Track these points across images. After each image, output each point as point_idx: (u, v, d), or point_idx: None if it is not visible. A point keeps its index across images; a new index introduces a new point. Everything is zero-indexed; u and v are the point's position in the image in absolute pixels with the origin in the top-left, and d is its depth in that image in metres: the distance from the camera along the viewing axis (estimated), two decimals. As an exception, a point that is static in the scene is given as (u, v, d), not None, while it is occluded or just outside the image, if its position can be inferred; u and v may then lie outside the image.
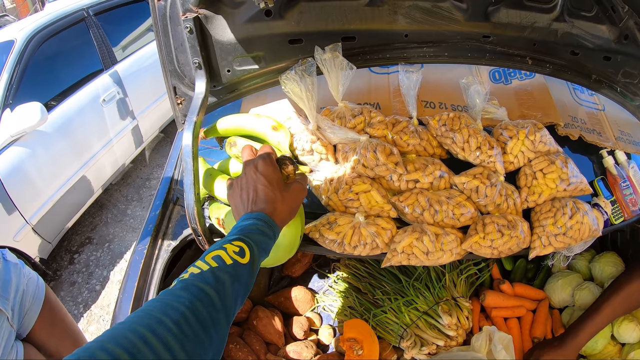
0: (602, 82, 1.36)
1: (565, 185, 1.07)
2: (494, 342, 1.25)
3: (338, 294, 1.40)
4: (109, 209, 2.97)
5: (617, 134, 1.34)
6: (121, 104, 2.64)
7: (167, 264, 1.08)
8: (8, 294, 1.07)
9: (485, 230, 0.97)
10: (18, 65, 2.00)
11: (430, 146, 1.05)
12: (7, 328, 1.05)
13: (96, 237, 2.77)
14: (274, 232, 0.68)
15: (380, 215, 0.98)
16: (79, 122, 2.25)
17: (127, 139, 2.79)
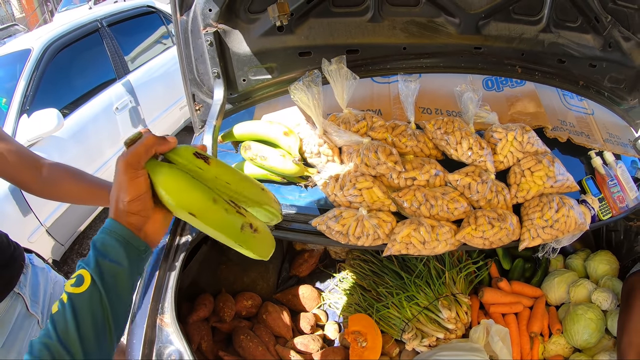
0: (590, 88, 1.54)
1: (552, 182, 1.23)
2: (491, 334, 1.40)
3: (343, 291, 1.55)
4: None
5: (605, 136, 1.51)
6: (133, 112, 2.85)
7: (185, 257, 1.24)
8: (37, 297, 1.18)
9: (477, 223, 1.14)
10: (35, 73, 2.21)
11: (427, 147, 1.22)
12: (37, 331, 1.16)
13: None
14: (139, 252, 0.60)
15: (381, 209, 1.14)
16: (93, 129, 2.46)
17: None
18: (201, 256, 1.36)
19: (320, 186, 1.19)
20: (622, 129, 1.58)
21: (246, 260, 1.62)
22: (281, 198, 1.23)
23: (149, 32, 3.28)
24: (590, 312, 1.48)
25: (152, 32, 3.31)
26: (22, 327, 1.12)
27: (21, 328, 1.12)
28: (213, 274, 1.46)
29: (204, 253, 1.37)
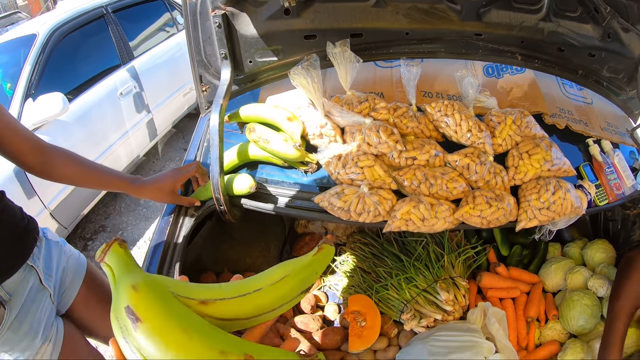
0: (589, 77, 1.59)
1: (549, 165, 1.28)
2: (488, 317, 1.44)
3: (343, 274, 1.60)
4: (122, 198, 3.22)
5: (603, 125, 1.55)
6: (137, 98, 2.92)
7: (190, 231, 1.29)
8: (51, 271, 1.22)
9: (475, 202, 1.19)
10: (40, 58, 2.26)
11: (427, 129, 1.27)
12: (49, 304, 1.20)
13: (109, 225, 3.01)
14: None
15: (382, 187, 1.19)
16: (97, 114, 2.51)
17: (142, 132, 3.07)
18: (205, 233, 1.41)
19: (322, 165, 1.24)
20: (621, 119, 1.63)
21: (249, 240, 1.68)
22: (285, 177, 1.29)
23: (154, 18, 3.34)
24: (587, 299, 1.52)
25: (157, 19, 3.38)
26: (34, 300, 1.16)
27: (34, 301, 1.16)
28: (216, 252, 1.51)
29: (208, 230, 1.42)
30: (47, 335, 1.19)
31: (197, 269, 1.43)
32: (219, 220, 1.45)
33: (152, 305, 0.46)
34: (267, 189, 1.27)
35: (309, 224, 1.70)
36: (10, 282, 1.11)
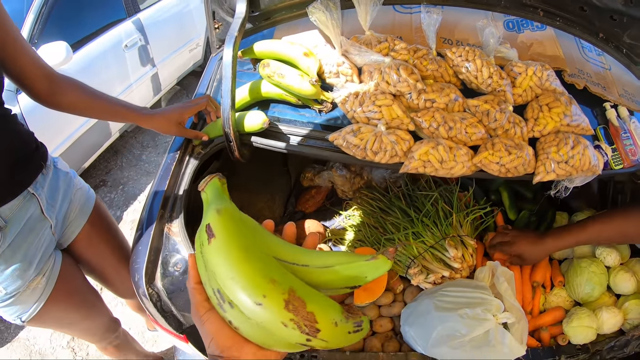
0: (609, 42, 1.56)
1: (569, 120, 1.25)
2: (497, 276, 1.41)
3: (349, 228, 1.56)
4: (124, 154, 3.18)
5: (621, 92, 1.53)
6: (142, 51, 2.85)
7: (196, 169, 1.24)
8: (55, 202, 1.17)
9: (494, 148, 1.15)
10: (44, 7, 2.18)
11: (447, 74, 1.23)
12: (48, 236, 1.16)
13: (110, 180, 2.96)
14: None
15: (399, 127, 1.15)
16: (102, 65, 2.44)
17: (146, 86, 3.01)
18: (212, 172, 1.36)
19: (338, 103, 1.19)
20: (638, 89, 1.61)
21: (254, 190, 1.63)
22: (298, 116, 1.24)
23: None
24: (594, 266, 1.50)
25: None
26: (33, 230, 1.11)
27: (32, 230, 1.11)
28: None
29: (215, 169, 1.37)
30: (42, 269, 1.14)
31: (200, 212, 1.38)
32: (225, 166, 1.40)
33: (228, 226, 0.52)
34: (279, 128, 1.22)
35: (315, 177, 1.66)
36: (7, 208, 1.05)
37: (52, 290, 1.16)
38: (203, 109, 1.22)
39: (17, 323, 1.14)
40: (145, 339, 2.08)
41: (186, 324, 1.14)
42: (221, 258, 0.50)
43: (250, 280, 0.48)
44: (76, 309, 1.24)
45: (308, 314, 0.48)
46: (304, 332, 0.47)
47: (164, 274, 1.11)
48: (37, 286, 1.13)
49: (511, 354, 1.30)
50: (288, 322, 0.47)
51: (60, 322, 1.25)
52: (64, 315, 1.22)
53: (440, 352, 1.29)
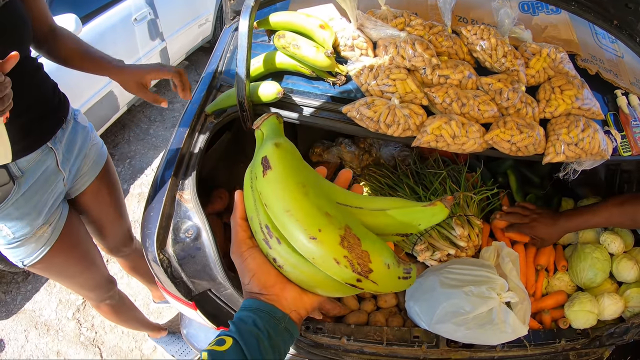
0: (623, 29, 1.55)
1: (580, 103, 1.26)
2: (502, 256, 1.43)
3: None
4: (131, 128, 3.20)
5: (632, 80, 1.53)
6: (152, 25, 2.85)
7: (208, 138, 1.24)
8: (71, 155, 1.21)
9: (506, 127, 1.16)
10: (55, -22, 2.18)
11: (462, 52, 1.24)
12: (60, 187, 1.19)
13: (117, 153, 2.98)
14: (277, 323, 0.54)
15: (413, 102, 1.16)
16: (111, 38, 2.44)
17: (155, 60, 3.02)
18: (223, 144, 1.37)
19: (352, 76, 1.20)
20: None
21: None
22: (311, 87, 1.24)
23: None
24: (598, 252, 1.51)
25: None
26: (47, 181, 1.14)
27: (46, 181, 1.14)
28: (230, 170, 1.47)
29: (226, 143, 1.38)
30: (49, 219, 1.17)
31: (210, 183, 1.39)
32: (236, 138, 1.41)
33: (286, 159, 0.50)
34: (293, 99, 1.23)
35: (323, 153, 1.67)
36: (25, 160, 1.08)
37: (56, 240, 1.19)
38: (168, 77, 1.22)
39: (19, 266, 1.18)
40: (150, 310, 2.10)
41: (195, 291, 1.16)
42: (277, 190, 0.47)
43: (307, 213, 0.46)
44: (77, 261, 1.27)
45: (362, 253, 0.45)
46: (356, 272, 0.45)
47: (175, 240, 1.13)
48: (43, 234, 1.16)
49: (513, 334, 1.31)
50: (341, 259, 0.45)
51: (59, 273, 1.28)
52: (64, 266, 1.25)
53: (444, 328, 1.31)
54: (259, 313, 0.54)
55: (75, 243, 1.26)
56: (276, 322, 0.54)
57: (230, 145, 1.40)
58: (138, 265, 1.67)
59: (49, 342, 2.04)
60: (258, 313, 0.54)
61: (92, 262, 1.34)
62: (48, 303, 2.15)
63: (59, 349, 2.01)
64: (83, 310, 2.11)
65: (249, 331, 0.52)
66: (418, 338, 1.34)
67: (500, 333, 1.31)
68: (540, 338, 1.44)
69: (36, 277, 2.23)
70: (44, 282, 2.22)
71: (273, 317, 0.54)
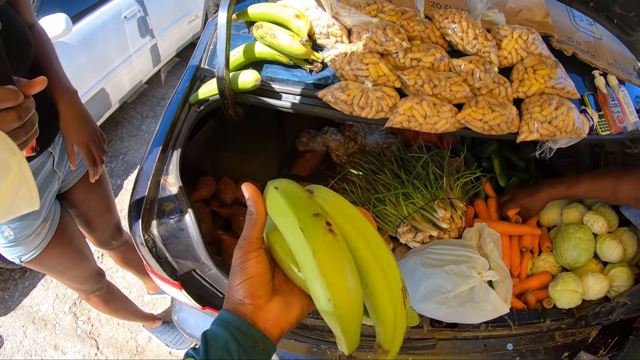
0: (599, 11, 1.60)
1: (553, 82, 1.31)
2: (484, 236, 1.48)
3: (342, 190, 1.63)
4: (124, 125, 3.28)
5: (611, 61, 1.58)
6: (142, 22, 2.94)
7: (192, 125, 1.32)
8: (64, 156, 1.28)
9: (477, 106, 1.22)
10: (45, -22, 2.27)
11: (434, 35, 1.30)
12: (55, 187, 1.27)
13: (111, 150, 3.07)
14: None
15: (386, 84, 1.22)
16: (101, 37, 2.53)
17: (146, 57, 3.11)
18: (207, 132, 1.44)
19: (328, 62, 1.27)
20: (629, 61, 1.65)
21: (249, 151, 1.71)
22: (290, 75, 1.31)
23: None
24: (581, 232, 1.56)
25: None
26: (45, 183, 1.22)
27: (44, 184, 1.21)
28: (216, 159, 1.54)
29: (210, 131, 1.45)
30: (47, 216, 1.24)
31: (197, 171, 1.46)
32: (220, 126, 1.48)
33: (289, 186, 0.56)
34: (272, 87, 1.30)
35: (310, 142, 1.73)
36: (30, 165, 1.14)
37: (52, 236, 1.26)
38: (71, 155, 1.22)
39: (16, 262, 1.24)
40: (144, 302, 2.18)
41: (180, 271, 1.23)
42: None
43: None
44: (70, 255, 1.34)
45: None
46: None
47: (160, 221, 1.20)
48: (41, 232, 1.22)
49: (495, 312, 1.36)
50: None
51: (54, 267, 1.34)
52: (58, 260, 1.32)
53: (426, 307, 1.36)
54: (236, 333, 0.52)
55: (69, 238, 1.33)
56: (253, 345, 0.52)
57: (214, 133, 1.48)
58: (129, 257, 1.75)
59: (46, 336, 2.11)
60: (234, 333, 0.52)
61: (83, 256, 1.41)
62: (45, 298, 2.23)
63: (56, 342, 2.09)
64: (79, 304, 2.19)
65: (216, 355, 0.50)
66: (401, 318, 1.39)
67: (482, 311, 1.36)
68: (524, 318, 1.48)
69: (33, 274, 2.32)
70: (41, 278, 2.30)
71: (251, 340, 0.52)
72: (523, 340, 1.51)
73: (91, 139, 1.21)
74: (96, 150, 1.22)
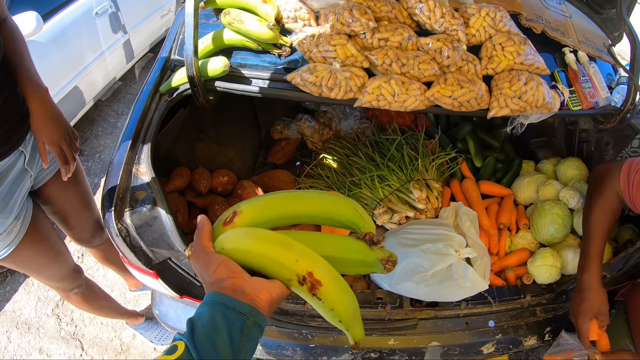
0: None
1: (522, 58, 1.34)
2: (460, 215, 1.51)
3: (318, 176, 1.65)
4: (99, 123, 3.26)
5: (581, 38, 1.61)
6: (113, 18, 2.94)
7: (163, 114, 1.32)
8: (36, 153, 1.28)
9: (446, 83, 1.24)
10: (14, -25, 2.25)
11: (401, 16, 1.32)
12: (27, 185, 1.27)
13: (87, 149, 3.05)
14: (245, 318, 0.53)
15: (354, 65, 1.24)
16: (73, 34, 2.51)
17: (119, 53, 3.10)
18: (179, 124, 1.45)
19: (296, 45, 1.28)
20: (599, 38, 1.69)
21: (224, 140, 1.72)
22: (259, 60, 1.32)
23: None
24: (557, 208, 1.59)
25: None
26: (16, 181, 1.21)
27: (15, 182, 1.21)
28: (190, 150, 1.54)
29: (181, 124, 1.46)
30: (18, 214, 1.23)
31: (171, 162, 1.47)
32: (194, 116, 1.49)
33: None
34: (242, 73, 1.31)
35: (284, 130, 1.75)
36: (0, 165, 1.14)
37: (25, 233, 1.25)
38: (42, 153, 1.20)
39: None
40: (126, 300, 2.17)
41: (155, 260, 1.23)
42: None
43: None
44: (45, 253, 1.33)
45: None
46: None
47: (133, 210, 1.20)
48: (12, 229, 1.22)
49: (474, 288, 1.39)
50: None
51: (28, 265, 1.34)
52: (32, 258, 1.31)
53: (405, 287, 1.38)
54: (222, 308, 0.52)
55: (43, 236, 1.32)
56: (243, 319, 0.53)
57: (188, 124, 1.48)
58: (110, 255, 1.74)
59: (30, 340, 2.10)
60: (220, 309, 0.52)
61: (58, 253, 1.41)
62: (27, 302, 2.22)
63: (41, 346, 2.08)
64: (62, 305, 2.18)
65: (203, 333, 0.51)
66: (381, 299, 1.41)
67: (460, 288, 1.38)
68: (504, 294, 1.51)
69: (14, 278, 2.30)
70: (22, 282, 2.28)
71: (239, 314, 0.52)
72: (504, 317, 1.54)
73: (62, 137, 1.20)
74: (67, 149, 1.21)
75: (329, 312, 0.61)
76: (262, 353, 1.45)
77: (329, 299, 0.59)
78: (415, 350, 1.47)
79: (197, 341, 0.51)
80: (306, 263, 0.58)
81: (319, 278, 0.58)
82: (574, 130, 1.83)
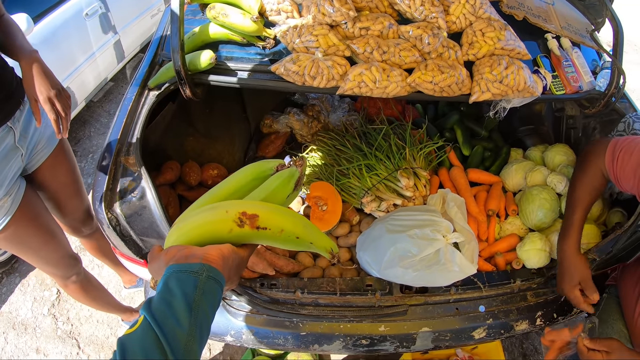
0: (550, -24, 1.69)
1: (503, 44, 1.38)
2: (448, 201, 1.54)
3: (307, 167, 1.69)
4: (91, 123, 3.30)
5: (563, 24, 1.65)
6: (104, 19, 2.99)
7: (151, 108, 1.37)
8: (27, 133, 1.33)
9: (427, 68, 1.28)
10: (4, -22, 2.30)
11: (382, 5, 1.36)
12: (18, 162, 1.32)
13: (80, 149, 3.09)
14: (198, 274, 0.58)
15: (336, 54, 1.28)
16: (63, 35, 2.56)
17: (110, 53, 3.16)
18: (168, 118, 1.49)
19: (279, 36, 1.32)
20: (582, 24, 1.73)
21: (213, 134, 1.76)
22: (244, 53, 1.37)
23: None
24: (545, 193, 1.62)
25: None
26: (5, 157, 1.26)
27: (4, 157, 1.26)
28: (180, 143, 1.59)
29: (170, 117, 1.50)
30: (9, 191, 1.28)
31: (161, 157, 1.51)
32: (183, 111, 1.53)
33: None
34: (228, 65, 1.35)
35: (273, 124, 1.79)
36: None
37: (15, 211, 1.30)
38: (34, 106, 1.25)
39: None
40: (122, 297, 2.21)
41: (145, 249, 1.27)
42: None
43: None
44: (37, 232, 1.38)
45: None
46: None
47: (123, 200, 1.24)
48: (4, 205, 1.27)
49: (462, 272, 1.42)
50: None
51: (21, 244, 1.38)
52: (25, 237, 1.36)
53: (393, 273, 1.41)
54: (175, 274, 0.57)
55: (35, 214, 1.37)
56: (195, 276, 0.57)
57: (177, 118, 1.53)
58: (102, 245, 1.79)
59: (27, 340, 2.14)
60: (173, 274, 0.57)
61: (52, 235, 1.45)
62: (23, 302, 2.25)
63: (38, 346, 2.11)
64: (58, 305, 2.22)
65: (158, 300, 0.55)
66: (371, 286, 1.44)
67: (448, 272, 1.41)
68: (494, 279, 1.54)
69: (10, 279, 2.34)
70: (18, 283, 2.32)
71: (191, 272, 0.57)
72: (495, 301, 1.56)
73: (53, 92, 1.24)
74: (59, 104, 1.25)
75: (283, 236, 0.66)
76: (254, 342, 1.48)
77: (272, 223, 0.65)
78: (406, 336, 1.49)
79: (153, 308, 0.55)
80: (235, 208, 0.65)
81: (252, 212, 0.64)
82: (561, 117, 1.86)
